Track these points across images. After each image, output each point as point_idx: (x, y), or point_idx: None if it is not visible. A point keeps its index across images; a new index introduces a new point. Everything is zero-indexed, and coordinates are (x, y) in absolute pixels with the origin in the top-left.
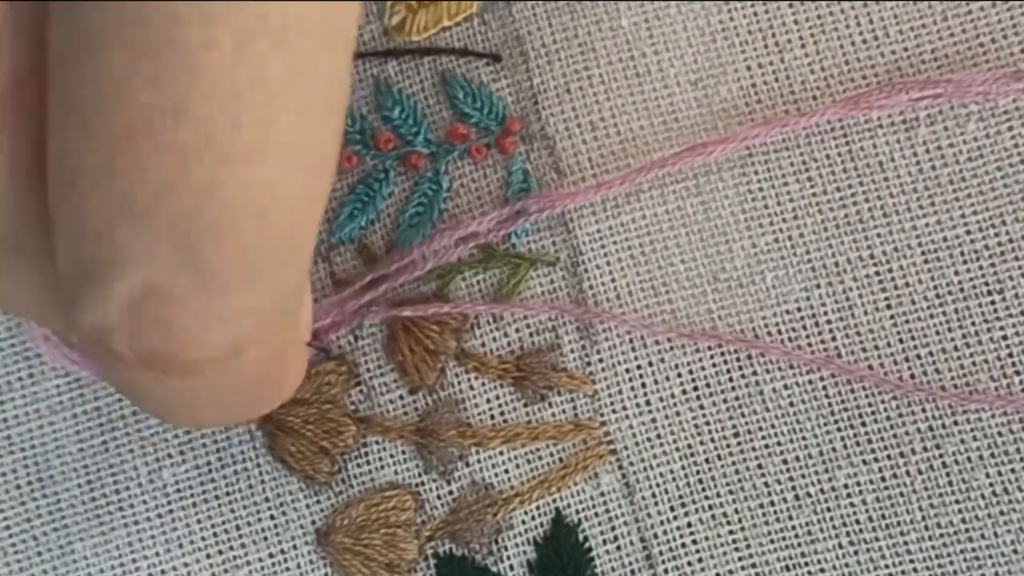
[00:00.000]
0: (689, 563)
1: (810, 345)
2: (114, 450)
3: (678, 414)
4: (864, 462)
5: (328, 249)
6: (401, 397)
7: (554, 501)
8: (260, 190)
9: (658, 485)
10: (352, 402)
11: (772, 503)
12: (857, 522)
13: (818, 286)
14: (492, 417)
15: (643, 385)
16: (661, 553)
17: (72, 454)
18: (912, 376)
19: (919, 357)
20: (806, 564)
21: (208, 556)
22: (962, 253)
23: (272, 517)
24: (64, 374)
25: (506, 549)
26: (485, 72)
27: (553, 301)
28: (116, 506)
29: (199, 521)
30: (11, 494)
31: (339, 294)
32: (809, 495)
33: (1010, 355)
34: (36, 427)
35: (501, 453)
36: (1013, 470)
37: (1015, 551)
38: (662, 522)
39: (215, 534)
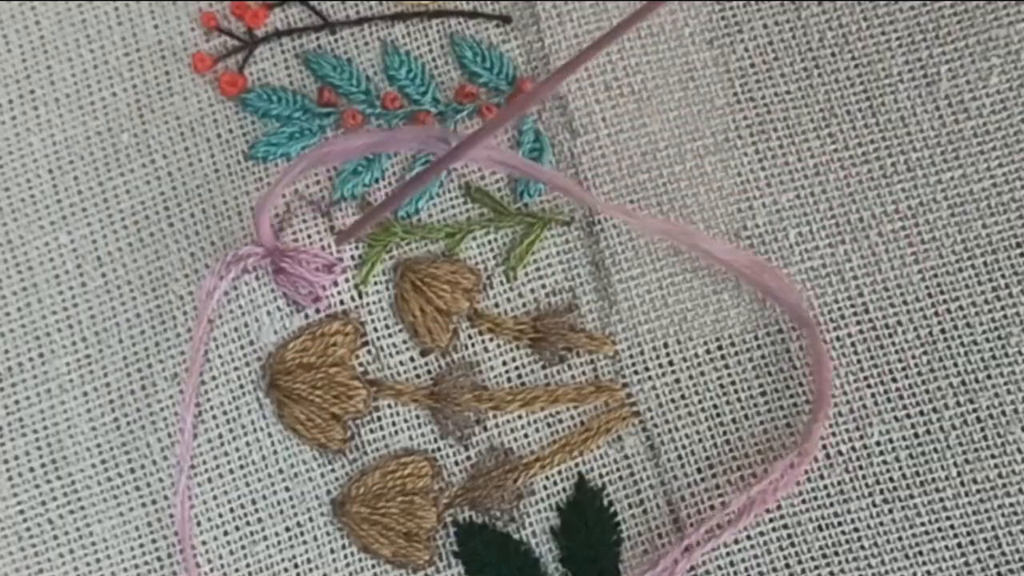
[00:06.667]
0: (719, 526)
1: (836, 301)
2: (126, 427)
3: (703, 374)
4: (896, 419)
5: (329, 204)
6: (412, 359)
7: (576, 465)
8: None
9: (684, 447)
10: (360, 363)
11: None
12: (891, 480)
13: (843, 242)
14: (509, 380)
15: (665, 345)
16: (689, 516)
17: (84, 433)
18: (943, 331)
19: (949, 312)
20: (839, 524)
21: (226, 533)
22: (989, 206)
23: (287, 489)
24: (74, 351)
25: (528, 515)
26: (495, 33)
27: (569, 262)
28: (132, 485)
29: (215, 497)
30: (24, 477)
31: None
32: (840, 453)
33: None
34: (47, 407)
35: (520, 417)
36: None
37: None
38: (689, 484)
39: (231, 509)
